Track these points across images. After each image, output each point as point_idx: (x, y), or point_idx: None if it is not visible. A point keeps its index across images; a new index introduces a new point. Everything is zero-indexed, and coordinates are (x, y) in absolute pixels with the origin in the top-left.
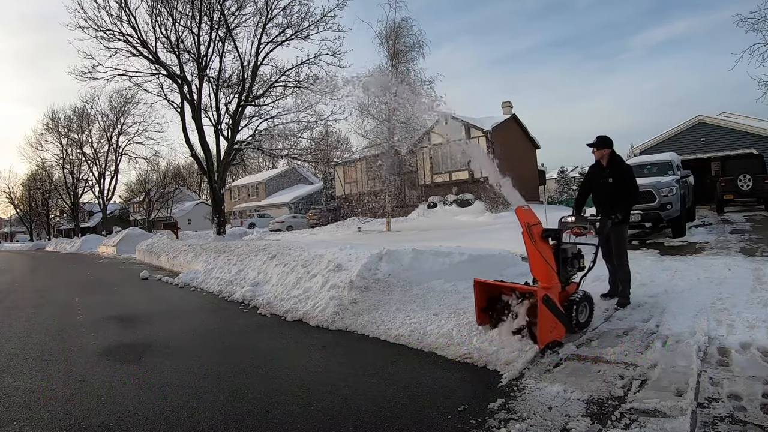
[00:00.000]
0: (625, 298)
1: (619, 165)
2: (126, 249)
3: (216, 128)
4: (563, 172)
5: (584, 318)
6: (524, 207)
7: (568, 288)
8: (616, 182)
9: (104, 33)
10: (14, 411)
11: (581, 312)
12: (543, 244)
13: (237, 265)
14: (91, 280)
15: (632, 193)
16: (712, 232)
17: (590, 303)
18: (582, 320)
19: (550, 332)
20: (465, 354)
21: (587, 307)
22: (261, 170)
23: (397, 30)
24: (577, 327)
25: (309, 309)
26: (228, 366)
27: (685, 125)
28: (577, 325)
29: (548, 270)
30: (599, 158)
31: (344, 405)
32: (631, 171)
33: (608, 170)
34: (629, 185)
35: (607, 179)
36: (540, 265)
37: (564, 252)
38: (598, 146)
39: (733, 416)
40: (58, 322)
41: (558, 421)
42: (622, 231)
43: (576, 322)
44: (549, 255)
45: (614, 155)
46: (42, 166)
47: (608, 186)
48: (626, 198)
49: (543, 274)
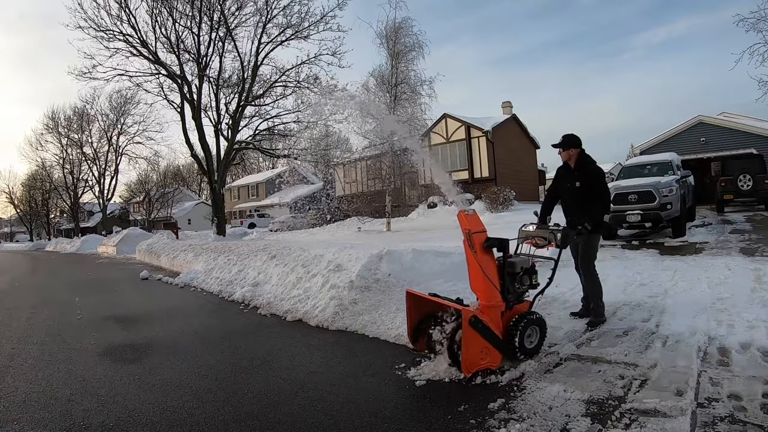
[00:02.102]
0: (597, 317)
1: (588, 167)
2: (126, 249)
3: (216, 128)
4: None
5: (532, 344)
6: (468, 212)
7: (517, 307)
8: (584, 187)
9: (104, 33)
10: (14, 411)
11: (528, 336)
12: (485, 255)
13: (237, 265)
14: (91, 280)
15: (603, 199)
16: (712, 232)
17: (541, 326)
18: (529, 346)
19: (480, 359)
20: None
21: (537, 331)
22: (261, 170)
23: (397, 30)
24: (522, 353)
25: (309, 309)
26: (228, 366)
27: (685, 125)
28: (522, 351)
29: (488, 286)
30: (566, 159)
31: (344, 405)
32: (602, 174)
33: (576, 172)
34: (600, 190)
35: (574, 183)
36: (479, 280)
37: (511, 266)
38: (564, 146)
39: (733, 416)
40: (58, 322)
41: (558, 421)
42: (593, 240)
43: (520, 348)
44: (491, 268)
45: (583, 155)
46: (42, 166)
47: (576, 190)
48: (595, 204)
49: (482, 290)
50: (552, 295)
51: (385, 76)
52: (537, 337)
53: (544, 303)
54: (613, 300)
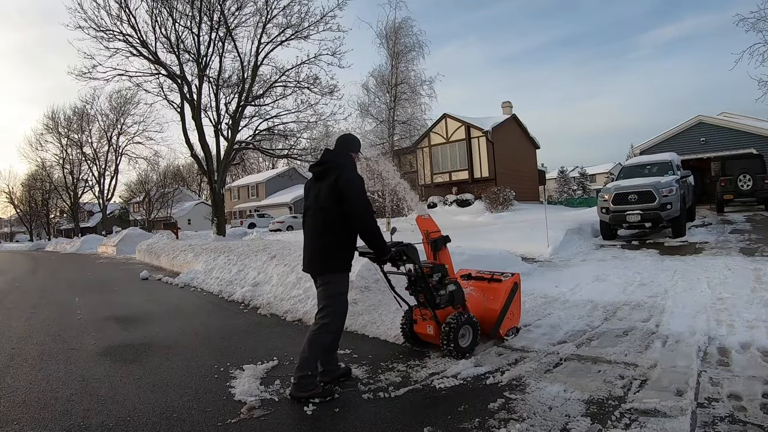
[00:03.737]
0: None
1: None
2: (126, 249)
3: (216, 128)
4: (563, 172)
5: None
6: (424, 216)
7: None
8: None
9: (104, 33)
10: (14, 411)
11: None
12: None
13: (237, 265)
14: (91, 280)
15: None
16: (712, 232)
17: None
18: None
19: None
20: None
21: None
22: (261, 170)
23: (397, 30)
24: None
25: (309, 309)
26: (228, 366)
27: (685, 125)
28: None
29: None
30: None
31: (344, 404)
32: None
33: None
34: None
35: None
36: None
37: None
38: None
39: (733, 416)
40: (58, 322)
41: (558, 421)
42: None
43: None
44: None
45: None
46: (42, 166)
47: None
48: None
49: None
50: (552, 295)
51: (385, 76)
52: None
53: (544, 303)
54: (613, 300)
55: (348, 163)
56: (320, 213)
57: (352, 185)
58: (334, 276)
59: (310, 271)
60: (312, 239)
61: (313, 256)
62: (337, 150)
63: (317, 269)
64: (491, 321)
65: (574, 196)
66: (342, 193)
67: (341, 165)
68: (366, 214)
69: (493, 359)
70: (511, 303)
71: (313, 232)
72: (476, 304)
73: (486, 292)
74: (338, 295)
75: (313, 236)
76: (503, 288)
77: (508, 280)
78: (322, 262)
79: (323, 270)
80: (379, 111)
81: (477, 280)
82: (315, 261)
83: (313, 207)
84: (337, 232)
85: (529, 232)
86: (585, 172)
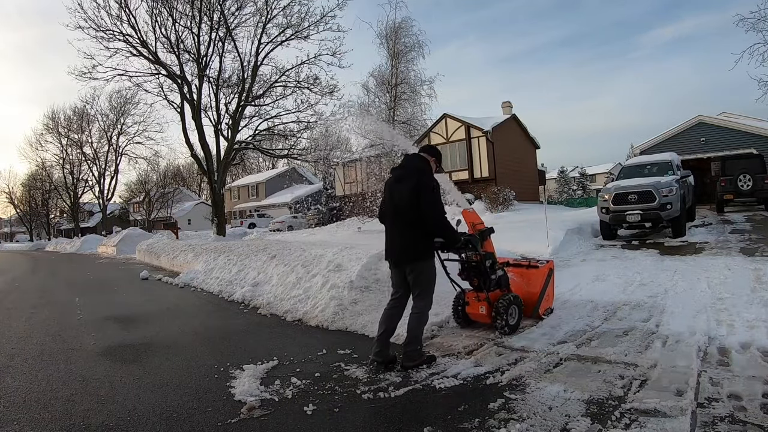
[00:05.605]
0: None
1: None
2: (126, 249)
3: (216, 128)
4: (563, 172)
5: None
6: (469, 209)
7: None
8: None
9: (104, 33)
10: (14, 411)
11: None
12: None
13: (237, 265)
14: (91, 280)
15: None
16: (712, 232)
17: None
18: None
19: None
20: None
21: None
22: (261, 170)
23: (397, 30)
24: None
25: (309, 309)
26: (228, 366)
27: (685, 125)
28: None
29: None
30: None
31: (344, 404)
32: None
33: None
34: None
35: None
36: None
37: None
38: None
39: (733, 416)
40: (58, 322)
41: (558, 421)
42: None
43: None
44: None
45: None
46: (42, 166)
47: None
48: None
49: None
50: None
51: (385, 76)
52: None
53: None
54: (613, 300)
55: (426, 167)
56: (404, 213)
57: (426, 190)
58: (422, 264)
59: (400, 260)
60: (401, 236)
61: (404, 249)
62: (417, 155)
63: (410, 258)
64: (532, 303)
65: (574, 196)
66: (419, 197)
67: (420, 170)
68: (436, 214)
69: (493, 359)
70: (548, 286)
71: (400, 230)
72: (518, 288)
73: (525, 277)
74: (430, 280)
75: (402, 234)
76: (541, 273)
77: (544, 266)
78: (412, 252)
79: (413, 259)
80: (379, 111)
81: (516, 267)
82: (407, 251)
83: (397, 207)
84: (420, 228)
85: (529, 232)
86: (585, 172)
